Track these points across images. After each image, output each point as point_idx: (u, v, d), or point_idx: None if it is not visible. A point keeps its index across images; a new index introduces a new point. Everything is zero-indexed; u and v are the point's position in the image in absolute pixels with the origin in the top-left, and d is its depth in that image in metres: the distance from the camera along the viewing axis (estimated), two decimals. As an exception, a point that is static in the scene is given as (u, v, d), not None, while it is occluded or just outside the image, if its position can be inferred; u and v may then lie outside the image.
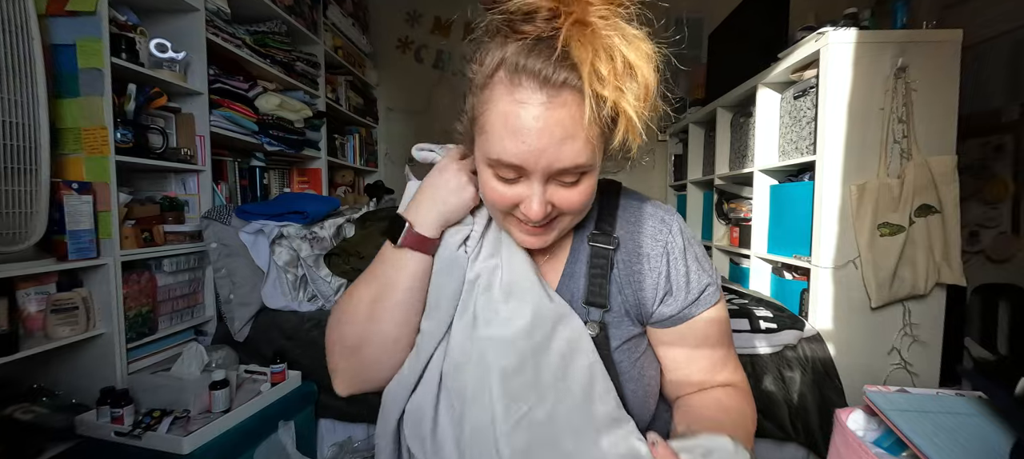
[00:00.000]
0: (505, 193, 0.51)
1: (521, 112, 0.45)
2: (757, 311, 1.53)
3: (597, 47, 0.43)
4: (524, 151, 0.46)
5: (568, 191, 0.51)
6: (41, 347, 1.14)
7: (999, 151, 2.20)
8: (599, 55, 0.43)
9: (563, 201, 0.51)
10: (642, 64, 0.44)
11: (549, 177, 0.49)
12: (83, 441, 1.17)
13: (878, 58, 1.48)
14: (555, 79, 0.44)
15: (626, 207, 0.63)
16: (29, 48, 1.12)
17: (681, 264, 0.60)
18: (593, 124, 0.46)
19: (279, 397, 1.43)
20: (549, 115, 0.45)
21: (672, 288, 0.59)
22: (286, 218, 1.73)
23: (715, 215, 2.46)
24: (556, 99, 0.45)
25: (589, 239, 0.61)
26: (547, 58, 0.44)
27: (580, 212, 0.55)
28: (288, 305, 1.69)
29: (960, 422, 0.61)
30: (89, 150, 1.29)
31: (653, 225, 0.61)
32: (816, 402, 1.41)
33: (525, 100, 0.45)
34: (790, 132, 1.76)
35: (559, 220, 0.55)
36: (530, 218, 0.50)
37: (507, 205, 0.52)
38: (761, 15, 2.06)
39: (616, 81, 0.43)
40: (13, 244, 1.10)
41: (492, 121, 0.48)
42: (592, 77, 0.43)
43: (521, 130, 0.46)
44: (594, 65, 0.43)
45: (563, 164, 0.47)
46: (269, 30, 2.06)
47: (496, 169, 0.50)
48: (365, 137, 3.21)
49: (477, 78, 0.50)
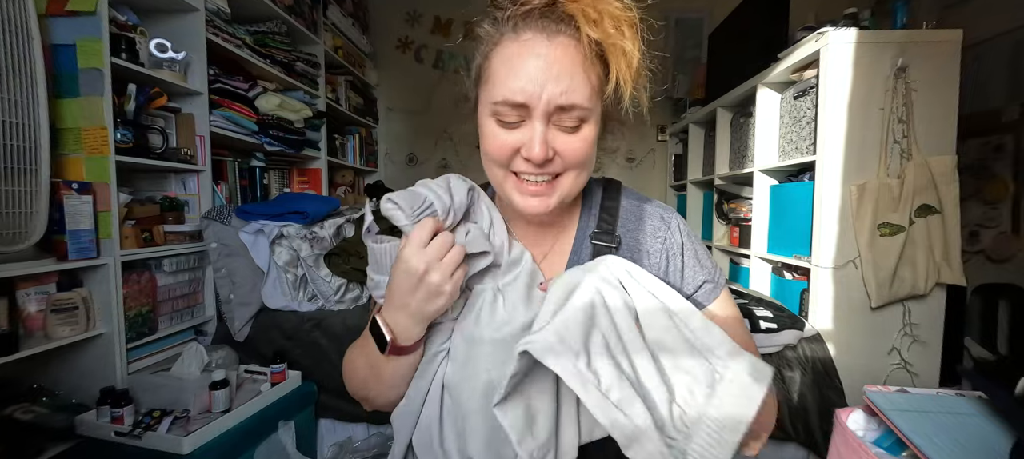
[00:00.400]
0: (507, 140, 0.53)
1: (524, 51, 0.51)
2: (757, 311, 1.53)
3: (588, 4, 0.49)
4: (527, 86, 0.50)
5: (568, 137, 0.52)
6: (41, 347, 1.14)
7: (999, 151, 2.20)
8: (588, 8, 0.49)
9: (564, 147, 0.53)
10: (626, 21, 0.50)
11: (549, 117, 0.51)
12: (83, 441, 1.17)
13: (878, 58, 1.48)
14: (553, 28, 0.51)
15: (627, 206, 0.64)
16: (29, 48, 1.12)
17: (678, 260, 0.61)
18: (590, 65, 0.51)
19: (279, 397, 1.43)
20: (549, 53, 0.50)
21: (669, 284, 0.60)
22: (286, 218, 1.73)
23: (715, 215, 2.46)
24: (555, 40, 0.50)
25: (591, 238, 0.62)
26: (545, 14, 0.51)
27: (581, 168, 0.55)
28: (288, 305, 1.69)
29: (960, 422, 0.61)
30: (89, 150, 1.29)
31: (652, 223, 0.62)
32: (816, 402, 1.41)
33: (528, 41, 0.51)
34: (790, 132, 1.76)
35: (561, 181, 0.55)
36: (532, 159, 0.52)
37: (508, 153, 0.53)
38: (761, 15, 2.06)
39: (605, 27, 0.49)
40: (13, 244, 1.10)
41: (497, 67, 0.52)
42: (584, 19, 0.49)
43: (524, 67, 0.50)
44: (585, 12, 0.49)
45: (562, 101, 0.50)
46: (269, 30, 2.06)
47: (500, 114, 0.52)
48: (365, 137, 3.21)
49: (483, 39, 0.55)
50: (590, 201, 0.66)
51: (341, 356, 0.65)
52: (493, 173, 0.57)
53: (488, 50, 0.54)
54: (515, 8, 0.52)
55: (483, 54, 0.55)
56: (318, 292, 1.73)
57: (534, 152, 0.51)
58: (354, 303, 1.80)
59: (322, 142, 2.54)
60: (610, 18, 0.49)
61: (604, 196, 0.65)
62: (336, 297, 1.74)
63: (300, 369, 1.57)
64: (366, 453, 1.58)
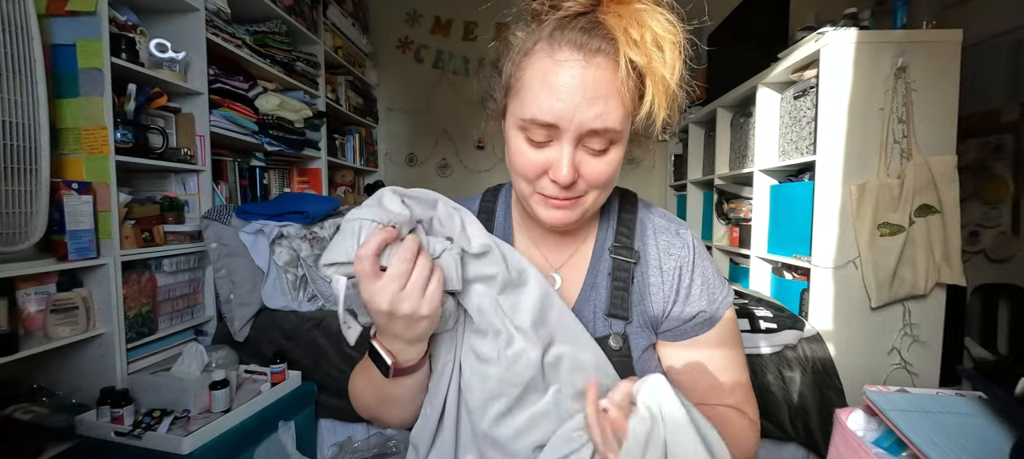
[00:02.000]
0: (535, 158, 0.52)
1: (559, 70, 0.48)
2: (757, 311, 1.53)
3: (630, 20, 0.46)
4: (559, 107, 0.48)
5: (596, 160, 0.51)
6: (41, 347, 1.14)
7: (999, 151, 2.20)
8: (632, 26, 0.46)
9: (590, 171, 0.52)
10: (670, 42, 0.47)
11: (579, 140, 0.50)
12: (83, 441, 1.17)
13: (878, 58, 1.48)
14: (591, 45, 0.48)
15: (643, 219, 0.64)
16: (29, 48, 1.12)
17: (687, 279, 0.61)
18: (625, 89, 0.48)
19: (279, 397, 1.43)
20: (585, 74, 0.47)
21: (677, 302, 0.61)
22: (286, 218, 1.73)
23: (715, 215, 2.46)
24: (592, 61, 0.48)
25: (611, 251, 0.62)
26: (584, 29, 0.48)
27: (604, 188, 0.55)
28: (288, 305, 1.69)
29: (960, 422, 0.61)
30: (89, 150, 1.29)
31: (668, 239, 0.62)
32: (816, 402, 1.41)
33: (563, 60, 0.48)
34: (790, 132, 1.76)
35: (584, 198, 0.54)
36: (559, 182, 0.50)
37: (535, 171, 0.52)
38: (761, 15, 2.06)
39: (647, 48, 0.46)
40: (13, 244, 1.10)
41: (529, 82, 0.50)
42: (625, 40, 0.46)
43: (557, 87, 0.48)
44: (627, 31, 0.46)
45: (595, 124, 0.48)
46: (269, 30, 2.06)
47: (528, 131, 0.51)
48: (365, 137, 3.21)
49: (516, 46, 0.53)
50: (608, 212, 0.65)
51: (341, 356, 0.65)
52: (518, 186, 0.56)
53: (520, 59, 0.52)
54: (552, 14, 0.50)
55: (515, 62, 0.53)
56: (318, 292, 1.73)
57: (561, 175, 0.50)
58: (354, 303, 1.79)
59: (322, 142, 2.54)
60: (652, 37, 0.46)
61: (621, 208, 0.65)
62: (336, 297, 1.74)
63: (300, 369, 1.57)
64: (366, 453, 1.58)
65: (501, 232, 0.66)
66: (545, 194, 0.54)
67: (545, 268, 0.63)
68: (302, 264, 1.71)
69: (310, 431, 1.57)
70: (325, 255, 0.48)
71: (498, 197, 0.69)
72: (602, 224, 0.65)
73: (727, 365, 0.61)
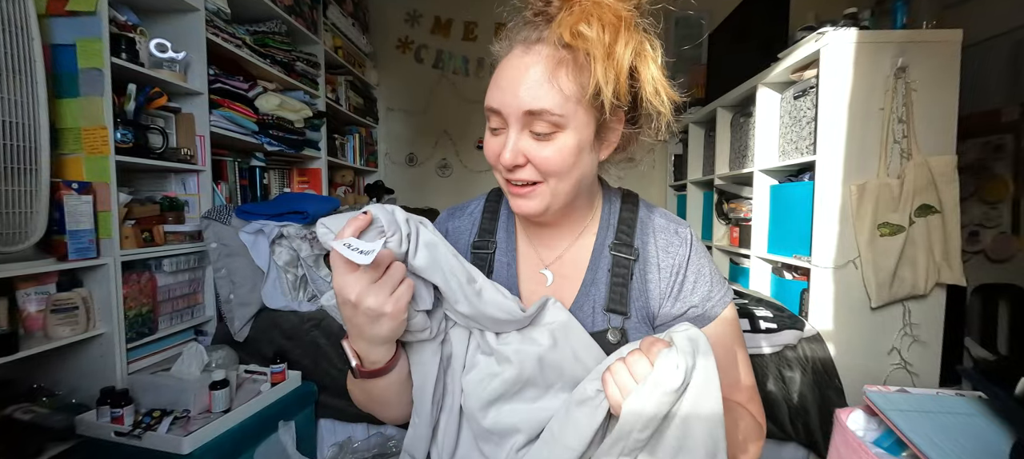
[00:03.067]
0: (492, 146, 0.57)
1: (505, 65, 0.55)
2: (757, 311, 1.53)
3: (578, 10, 0.50)
4: (498, 95, 0.54)
5: (541, 145, 0.54)
6: (41, 347, 1.14)
7: (999, 151, 2.20)
8: (574, 14, 0.49)
9: (536, 155, 0.54)
10: (611, 24, 0.49)
11: (522, 125, 0.54)
12: (83, 441, 1.17)
13: (878, 58, 1.48)
14: (532, 37, 0.54)
15: (644, 218, 0.66)
16: (29, 48, 1.12)
17: (681, 275, 0.62)
18: (568, 74, 0.51)
19: (279, 397, 1.43)
20: (521, 62, 0.53)
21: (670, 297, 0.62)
22: (286, 218, 1.73)
23: (715, 215, 2.46)
24: (531, 49, 0.53)
25: (611, 248, 0.63)
26: (532, 24, 0.54)
27: (561, 176, 0.55)
28: (288, 305, 1.69)
29: (960, 422, 0.61)
30: (89, 150, 1.29)
31: (667, 238, 0.64)
32: (816, 402, 1.41)
33: (509, 55, 0.55)
34: (790, 132, 1.76)
35: (541, 187, 0.56)
36: (502, 164, 0.55)
37: (494, 158, 0.57)
38: (761, 15, 2.06)
39: (588, 34, 0.49)
40: (13, 244, 1.10)
41: (494, 76, 0.57)
42: (559, 26, 0.50)
43: (501, 79, 0.54)
44: (566, 19, 0.50)
45: (531, 106, 0.52)
46: (269, 30, 2.06)
47: (488, 122, 0.57)
48: (365, 137, 3.21)
49: (495, 57, 0.59)
50: (609, 211, 0.67)
51: (341, 356, 0.66)
52: (496, 176, 0.60)
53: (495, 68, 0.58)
54: (516, 21, 0.56)
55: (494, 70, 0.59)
56: (318, 292, 1.73)
57: (503, 158, 0.54)
58: (354, 303, 1.79)
59: (322, 142, 2.54)
60: (598, 21, 0.49)
61: (623, 207, 0.67)
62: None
63: (300, 369, 1.57)
64: (366, 453, 1.58)
65: (504, 230, 0.68)
66: (507, 181, 0.58)
67: (537, 264, 0.66)
68: (302, 264, 1.71)
69: (310, 431, 1.57)
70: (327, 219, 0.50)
71: (502, 196, 0.71)
72: (603, 222, 0.66)
73: (727, 365, 0.61)
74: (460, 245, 0.68)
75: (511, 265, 0.66)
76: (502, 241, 0.67)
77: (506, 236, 0.67)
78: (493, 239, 0.67)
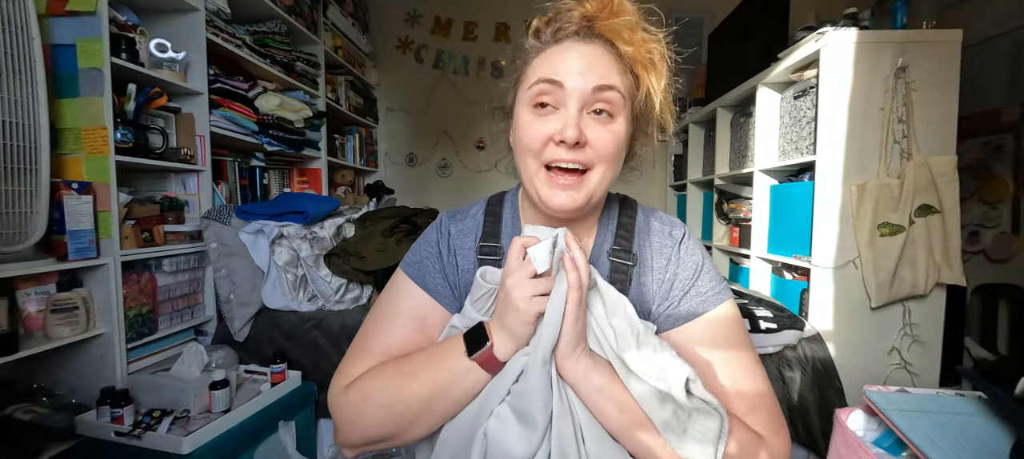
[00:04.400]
0: (541, 129, 0.56)
1: (563, 50, 0.57)
2: (757, 311, 1.53)
3: (622, 27, 0.56)
4: (563, 70, 0.55)
5: (601, 127, 0.56)
6: (41, 347, 1.14)
7: (999, 151, 2.20)
8: (623, 30, 0.56)
9: (596, 137, 0.55)
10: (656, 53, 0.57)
11: (583, 105, 0.55)
12: (83, 441, 1.17)
13: (878, 58, 1.48)
14: (589, 38, 0.57)
15: (641, 222, 0.66)
16: (29, 48, 1.12)
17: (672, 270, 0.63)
18: (623, 71, 0.57)
19: (279, 397, 1.43)
20: (585, 51, 0.56)
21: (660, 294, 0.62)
22: (286, 218, 1.73)
23: (715, 215, 2.46)
24: (591, 43, 0.57)
25: (609, 255, 0.64)
26: (581, 32, 0.58)
27: (608, 161, 0.57)
28: (288, 305, 1.69)
29: (960, 422, 0.61)
30: (89, 150, 1.29)
31: (660, 240, 0.64)
32: (816, 402, 1.41)
33: (566, 46, 0.57)
34: (790, 132, 1.76)
35: (589, 176, 0.57)
36: (566, 141, 0.54)
37: (541, 141, 0.56)
38: (761, 15, 2.06)
39: (637, 47, 0.56)
40: (13, 244, 1.10)
41: (537, 63, 0.58)
42: (617, 38, 0.56)
43: (563, 59, 0.56)
44: (619, 33, 0.56)
45: (599, 81, 0.55)
46: (269, 30, 2.06)
47: (537, 96, 0.57)
48: (365, 137, 3.21)
49: (528, 50, 0.61)
50: (607, 217, 0.67)
51: (341, 356, 0.65)
52: (526, 165, 0.59)
53: (529, 57, 0.60)
54: (554, 27, 0.59)
55: (524, 61, 0.61)
56: (318, 292, 1.73)
57: (568, 134, 0.54)
58: (354, 303, 1.80)
59: (322, 142, 2.54)
60: (641, 43, 0.56)
61: (621, 212, 0.67)
62: (336, 297, 1.74)
63: (300, 369, 1.57)
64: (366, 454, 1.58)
65: (509, 235, 0.66)
66: (552, 168, 0.57)
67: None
68: (302, 264, 1.71)
69: (310, 431, 1.57)
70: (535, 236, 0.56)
71: (503, 201, 0.70)
72: (601, 228, 0.66)
73: (726, 369, 0.58)
74: (465, 248, 0.67)
75: None
76: (508, 248, 0.64)
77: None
78: (499, 246, 0.66)
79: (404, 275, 0.66)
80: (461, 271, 0.65)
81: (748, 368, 0.58)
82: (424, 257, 0.66)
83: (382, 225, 1.86)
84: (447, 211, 0.72)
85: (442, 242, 0.67)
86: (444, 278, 0.65)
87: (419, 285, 0.64)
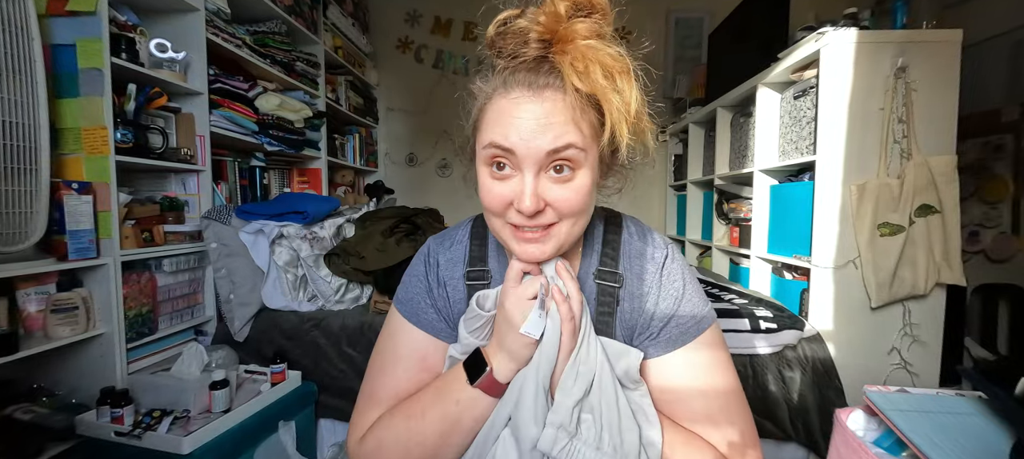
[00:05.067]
0: (501, 192, 0.53)
1: (513, 106, 0.52)
2: (757, 311, 1.53)
3: (576, 55, 0.49)
4: (514, 137, 0.51)
5: (561, 187, 0.52)
6: (41, 347, 1.14)
7: (999, 151, 2.20)
8: (576, 60, 0.49)
9: (556, 198, 0.52)
10: (619, 70, 0.50)
11: (540, 167, 0.52)
12: (83, 441, 1.17)
13: (878, 58, 1.48)
14: (539, 82, 0.51)
15: (628, 242, 0.64)
16: (29, 48, 1.12)
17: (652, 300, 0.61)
18: (579, 116, 0.51)
19: (279, 397, 1.43)
20: (535, 107, 0.51)
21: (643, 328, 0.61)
22: (286, 218, 1.73)
23: (715, 215, 2.46)
24: (541, 94, 0.51)
25: (595, 276, 0.62)
26: (531, 69, 0.52)
27: (576, 216, 0.55)
28: (288, 305, 1.69)
29: (960, 422, 0.61)
30: (89, 150, 1.29)
31: (641, 264, 0.63)
32: (816, 402, 1.41)
33: (516, 98, 0.52)
34: (790, 132, 1.76)
35: (556, 228, 0.55)
36: (523, 211, 0.52)
37: (502, 204, 0.54)
38: (761, 15, 2.06)
39: (594, 78, 0.49)
40: (13, 244, 1.10)
41: (489, 117, 0.54)
42: (571, 71, 0.49)
43: (512, 118, 0.51)
44: (572, 64, 0.49)
45: (552, 145, 0.50)
46: (269, 30, 2.06)
47: (491, 158, 0.54)
48: (365, 137, 3.21)
49: (477, 95, 0.57)
50: (592, 237, 0.65)
51: (341, 356, 0.65)
52: (491, 221, 0.58)
53: (482, 103, 0.56)
54: (506, 63, 0.53)
55: (478, 107, 0.56)
56: (318, 292, 1.73)
57: (525, 205, 0.51)
58: (354, 303, 1.80)
59: (322, 142, 2.54)
60: (600, 67, 0.49)
61: (606, 230, 0.65)
62: (336, 297, 1.74)
63: (300, 369, 1.57)
64: (366, 453, 1.58)
65: (495, 260, 0.66)
66: (514, 224, 0.55)
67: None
68: (302, 264, 1.71)
69: (310, 431, 1.57)
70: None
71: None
72: (586, 249, 0.65)
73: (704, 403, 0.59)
74: (454, 278, 0.66)
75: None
76: (495, 271, 0.65)
77: (498, 267, 0.65)
78: (486, 269, 0.65)
79: (399, 315, 0.66)
80: (453, 302, 0.65)
81: (728, 402, 0.60)
82: (415, 294, 0.66)
83: (382, 225, 1.86)
84: (434, 237, 0.71)
85: (430, 274, 0.66)
86: (437, 313, 0.65)
87: (414, 324, 0.65)
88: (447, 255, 0.67)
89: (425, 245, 0.70)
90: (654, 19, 3.15)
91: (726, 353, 0.62)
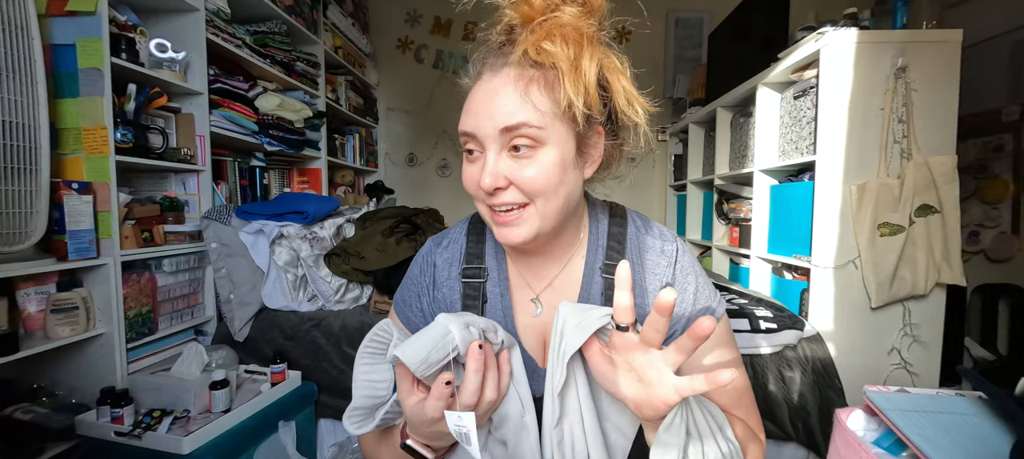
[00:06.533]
0: (471, 173, 0.56)
1: (475, 91, 0.55)
2: (757, 311, 1.53)
3: (539, 32, 0.50)
4: (472, 118, 0.54)
5: (520, 164, 0.53)
6: (41, 347, 1.14)
7: (999, 151, 2.20)
8: (537, 34, 0.50)
9: (519, 177, 0.53)
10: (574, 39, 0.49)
11: (501, 147, 0.53)
12: (83, 441, 1.17)
13: (878, 58, 1.48)
14: (498, 63, 0.54)
15: (633, 235, 0.64)
16: (29, 48, 1.12)
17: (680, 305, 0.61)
18: (541, 91, 0.52)
19: (279, 397, 1.43)
20: (491, 86, 0.53)
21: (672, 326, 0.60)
22: (286, 218, 1.73)
23: (715, 215, 2.46)
24: (498, 74, 0.53)
25: (602, 271, 0.62)
26: (498, 52, 0.55)
27: (544, 195, 0.53)
28: (288, 305, 1.69)
29: (960, 422, 0.61)
30: (89, 150, 1.29)
31: (653, 258, 0.62)
32: (816, 402, 1.41)
33: (481, 83, 0.55)
34: (790, 132, 1.76)
35: (528, 210, 0.54)
36: (483, 189, 0.53)
37: (474, 186, 0.56)
38: (761, 15, 2.06)
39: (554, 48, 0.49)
40: (13, 244, 1.10)
41: (464, 107, 0.57)
42: (529, 47, 0.50)
43: (472, 103, 0.54)
44: (529, 38, 0.50)
45: (506, 122, 0.51)
46: (269, 30, 2.06)
47: (464, 146, 0.56)
48: (365, 137, 3.21)
49: (465, 89, 0.59)
50: (596, 230, 0.64)
51: (341, 356, 0.66)
52: (478, 209, 0.59)
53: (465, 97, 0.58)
54: (482, 51, 0.56)
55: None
56: (318, 292, 1.73)
57: (484, 182, 0.52)
58: (354, 303, 1.80)
59: (322, 142, 2.54)
60: (561, 38, 0.49)
61: (611, 223, 0.64)
62: (336, 297, 1.74)
63: (300, 369, 1.57)
64: (366, 453, 1.58)
65: (493, 257, 0.65)
66: (491, 208, 0.56)
67: (528, 293, 0.64)
68: (302, 264, 1.71)
69: (310, 431, 1.57)
70: (403, 351, 0.48)
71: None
72: (591, 243, 0.64)
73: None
74: (450, 278, 0.65)
75: (504, 295, 0.63)
76: (492, 269, 0.64)
77: (496, 264, 0.64)
78: (483, 266, 0.64)
79: (395, 316, 0.70)
80: (449, 303, 0.65)
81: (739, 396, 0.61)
82: (408, 296, 0.68)
83: (382, 225, 1.86)
84: (433, 238, 0.71)
85: (425, 277, 0.67)
86: (423, 318, 0.66)
87: (404, 324, 0.68)
88: (444, 255, 0.67)
89: (424, 246, 0.70)
90: (654, 19, 3.16)
91: (735, 346, 0.63)
